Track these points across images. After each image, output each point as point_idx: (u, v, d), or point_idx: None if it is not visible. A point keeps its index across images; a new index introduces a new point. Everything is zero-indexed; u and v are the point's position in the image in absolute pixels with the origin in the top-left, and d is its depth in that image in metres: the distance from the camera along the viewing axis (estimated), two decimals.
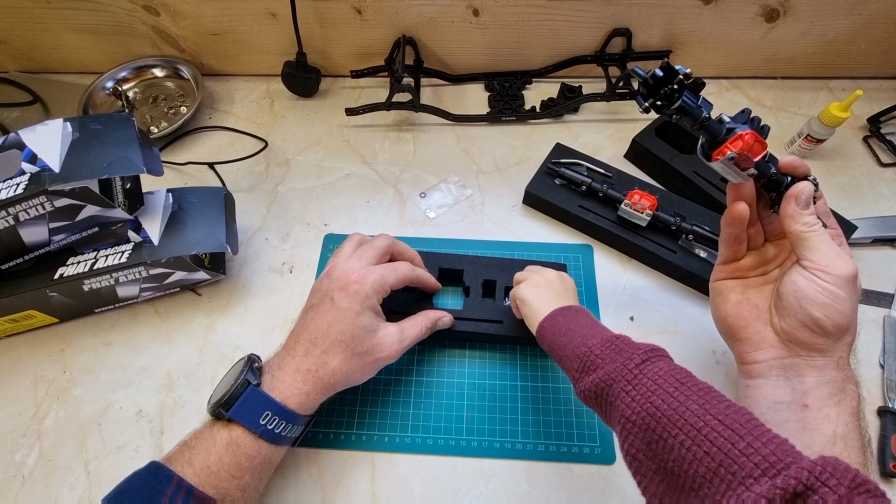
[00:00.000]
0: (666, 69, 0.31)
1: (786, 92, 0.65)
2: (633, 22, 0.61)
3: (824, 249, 0.31)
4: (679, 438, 0.26)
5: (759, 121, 0.33)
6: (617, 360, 0.31)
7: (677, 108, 0.31)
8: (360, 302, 0.37)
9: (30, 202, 0.39)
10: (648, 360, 0.31)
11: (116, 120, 0.44)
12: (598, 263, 0.53)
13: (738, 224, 0.35)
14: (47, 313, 0.47)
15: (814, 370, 0.32)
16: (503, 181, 0.59)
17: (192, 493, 0.31)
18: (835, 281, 0.31)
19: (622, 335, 0.34)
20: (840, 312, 0.31)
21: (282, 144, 0.63)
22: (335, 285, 0.38)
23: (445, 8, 0.60)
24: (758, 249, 0.37)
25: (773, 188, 0.35)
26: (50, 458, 0.43)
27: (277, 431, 0.35)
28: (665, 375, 0.29)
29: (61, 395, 0.46)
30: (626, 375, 0.30)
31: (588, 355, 0.33)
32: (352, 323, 0.37)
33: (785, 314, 0.33)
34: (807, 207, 0.32)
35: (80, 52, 0.66)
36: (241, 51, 0.66)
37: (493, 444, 0.43)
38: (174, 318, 0.50)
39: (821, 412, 0.31)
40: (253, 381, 0.35)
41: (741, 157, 0.31)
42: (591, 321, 0.37)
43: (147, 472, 0.33)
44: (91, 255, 0.45)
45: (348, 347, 0.37)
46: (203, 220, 0.47)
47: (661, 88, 0.31)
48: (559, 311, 0.38)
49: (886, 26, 0.60)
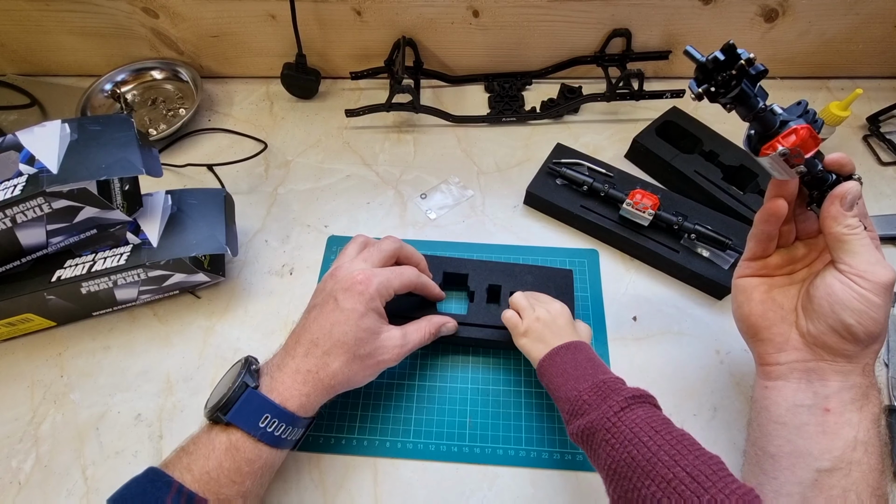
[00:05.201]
0: (728, 52, 0.28)
1: (785, 92, 0.66)
2: (633, 22, 0.61)
3: (865, 254, 0.30)
4: (651, 489, 0.28)
5: (813, 113, 0.30)
6: (601, 406, 0.32)
7: (735, 97, 0.28)
8: (364, 303, 0.37)
9: (27, 204, 0.39)
10: (629, 406, 0.32)
11: (115, 121, 0.44)
12: (601, 264, 0.52)
13: (775, 222, 0.34)
14: (45, 317, 0.46)
15: (838, 375, 0.31)
16: (504, 182, 0.59)
17: (193, 499, 0.31)
18: (872, 288, 0.30)
19: (612, 378, 0.34)
20: (874, 320, 0.30)
21: (281, 146, 0.62)
22: (339, 285, 0.38)
23: (445, 9, 0.60)
24: (787, 248, 0.36)
25: (816, 186, 0.32)
26: (47, 464, 0.42)
27: (278, 434, 0.34)
28: (642, 423, 0.30)
29: (58, 399, 0.45)
30: (605, 424, 0.31)
31: (577, 400, 0.34)
32: (355, 324, 0.36)
33: (814, 317, 0.32)
34: (851, 209, 0.31)
35: (78, 55, 0.66)
36: (240, 53, 0.66)
37: (497, 451, 0.42)
38: (173, 321, 0.49)
39: (842, 417, 0.30)
40: (251, 384, 0.34)
41: (793, 154, 0.29)
42: (587, 359, 0.37)
43: (146, 479, 0.32)
44: (89, 258, 0.44)
45: (350, 349, 0.36)
46: (202, 222, 0.47)
47: (719, 74, 0.28)
48: (556, 352, 0.38)
49: (885, 26, 0.60)
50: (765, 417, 0.34)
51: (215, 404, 0.34)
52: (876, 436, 0.30)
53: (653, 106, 0.62)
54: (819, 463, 0.30)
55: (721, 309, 0.49)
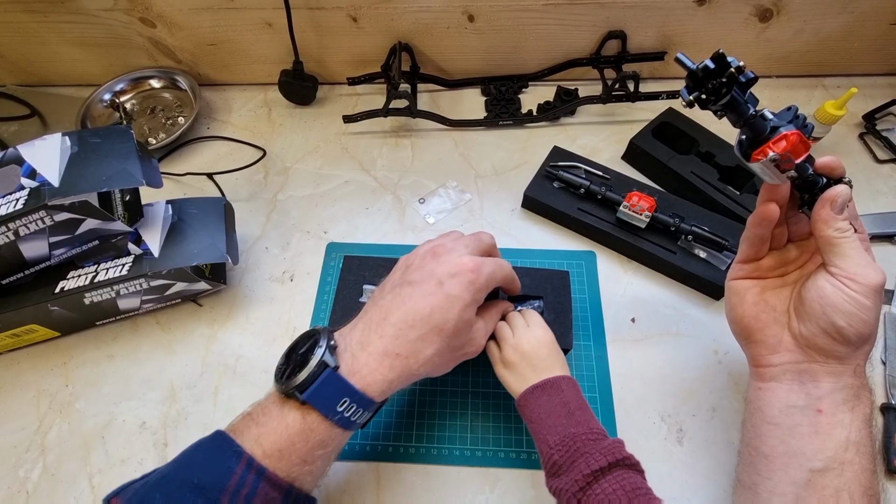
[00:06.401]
0: (718, 60, 0.28)
1: (780, 91, 0.66)
2: (628, 24, 0.61)
3: (855, 257, 0.30)
4: None
5: (803, 119, 0.30)
6: (570, 472, 0.33)
7: (725, 104, 0.29)
8: (472, 293, 0.34)
9: (30, 217, 0.40)
10: (595, 481, 0.32)
11: (115, 133, 0.44)
12: (599, 266, 0.53)
13: (767, 225, 0.34)
14: (49, 327, 0.47)
15: (830, 376, 0.32)
16: (502, 185, 0.59)
17: (264, 474, 0.29)
18: (863, 290, 0.30)
19: (582, 433, 0.34)
20: (864, 322, 0.30)
21: (280, 153, 0.63)
22: (446, 269, 0.34)
23: (441, 14, 0.60)
24: (779, 250, 0.36)
25: (807, 189, 0.32)
26: (54, 473, 0.43)
27: (353, 419, 0.32)
28: (604, 503, 0.30)
29: (64, 408, 0.46)
30: (570, 501, 0.32)
31: (548, 456, 0.34)
32: (458, 313, 0.34)
33: (806, 319, 0.32)
34: (841, 212, 0.31)
35: (77, 65, 0.67)
36: (237, 60, 0.66)
37: (498, 454, 0.43)
38: (176, 329, 0.50)
39: (834, 417, 0.31)
40: (332, 364, 0.32)
41: (783, 159, 0.29)
42: (561, 403, 0.36)
43: (213, 444, 0.31)
44: (92, 269, 0.45)
45: (447, 338, 0.34)
46: (203, 231, 0.47)
47: (709, 81, 0.28)
48: (531, 392, 0.37)
49: (880, 23, 0.60)
50: (758, 418, 0.34)
51: (295, 383, 0.31)
52: (868, 436, 0.30)
53: (649, 107, 0.62)
54: (812, 463, 0.31)
55: (718, 309, 0.49)
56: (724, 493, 0.40)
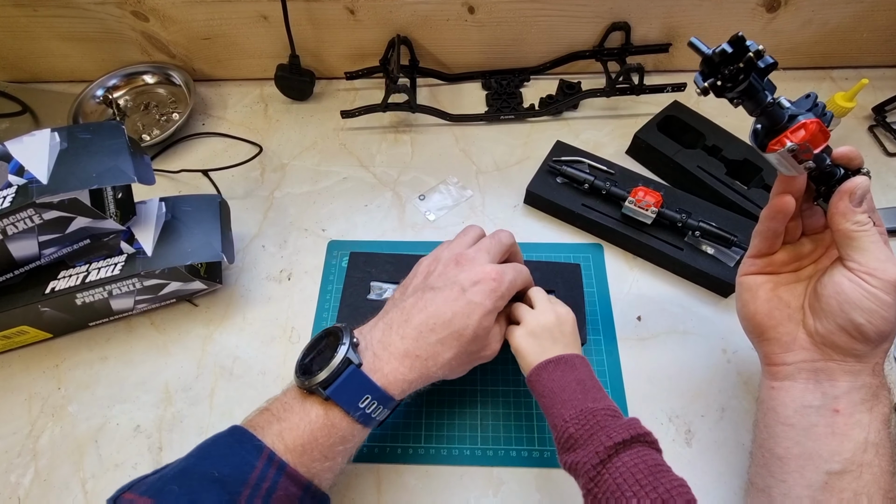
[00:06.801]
0: (736, 44, 0.26)
1: (788, 83, 0.64)
2: (632, 15, 0.60)
3: (874, 251, 0.29)
4: None
5: (822, 106, 0.29)
6: (587, 446, 0.31)
7: (743, 91, 0.27)
8: (493, 301, 0.35)
9: (17, 215, 0.38)
10: (616, 454, 0.30)
11: (106, 128, 0.43)
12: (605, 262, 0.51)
13: (782, 219, 0.32)
14: (40, 328, 0.46)
15: (847, 375, 0.31)
16: (503, 181, 0.58)
17: (285, 470, 0.29)
18: (883, 286, 0.29)
19: (600, 409, 0.33)
20: (885, 319, 0.29)
21: (277, 149, 0.62)
22: (469, 276, 0.35)
23: (440, 6, 0.58)
24: (792, 244, 0.35)
25: (824, 180, 0.31)
26: (46, 478, 0.41)
27: (374, 416, 0.33)
28: (627, 475, 0.29)
29: (56, 412, 0.44)
30: (589, 472, 0.30)
31: (564, 432, 0.33)
32: (478, 319, 0.34)
33: (823, 316, 0.31)
34: (860, 205, 0.30)
35: (68, 61, 0.65)
36: (232, 55, 0.65)
37: (499, 453, 0.42)
38: (171, 330, 0.49)
39: (852, 418, 0.30)
40: (355, 361, 0.32)
41: (802, 149, 0.27)
42: (576, 380, 0.35)
43: (231, 438, 0.31)
44: (83, 268, 0.44)
45: (465, 343, 0.34)
46: (198, 229, 0.46)
47: (726, 67, 0.27)
48: (543, 366, 0.36)
49: (889, 14, 0.59)
50: (772, 418, 0.33)
51: (318, 379, 0.31)
52: (887, 437, 0.29)
53: (654, 100, 0.61)
54: (829, 465, 0.30)
55: (727, 307, 0.48)
56: (735, 496, 0.39)
